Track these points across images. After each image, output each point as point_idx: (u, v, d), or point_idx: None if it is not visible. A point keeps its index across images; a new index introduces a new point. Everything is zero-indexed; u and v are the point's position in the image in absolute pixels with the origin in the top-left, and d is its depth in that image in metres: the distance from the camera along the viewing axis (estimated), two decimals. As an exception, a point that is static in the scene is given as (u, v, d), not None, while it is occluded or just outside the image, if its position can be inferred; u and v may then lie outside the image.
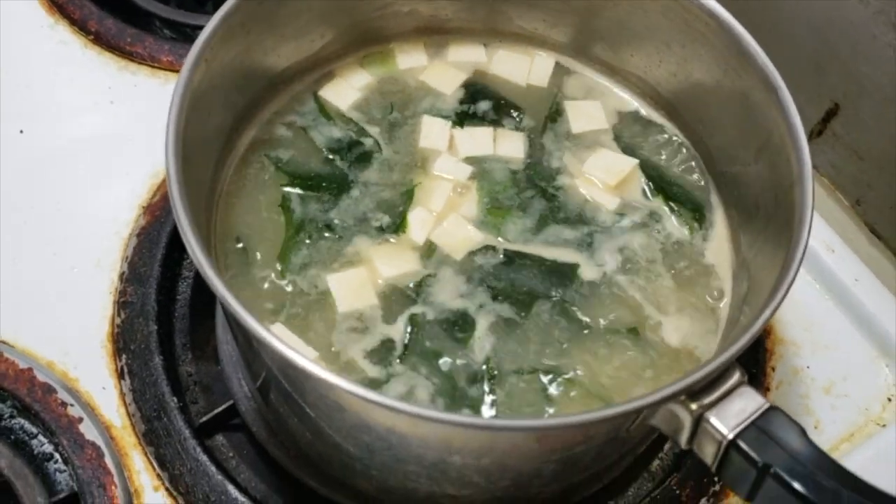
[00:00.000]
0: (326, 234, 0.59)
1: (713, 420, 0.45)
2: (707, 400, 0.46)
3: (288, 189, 0.61)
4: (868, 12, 0.77)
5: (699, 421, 0.45)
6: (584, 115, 0.65)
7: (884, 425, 0.69)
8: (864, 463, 0.66)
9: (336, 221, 0.59)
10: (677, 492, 0.64)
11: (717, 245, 0.61)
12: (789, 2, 0.83)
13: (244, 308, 0.44)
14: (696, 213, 0.62)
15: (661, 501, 0.63)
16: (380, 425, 0.46)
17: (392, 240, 0.59)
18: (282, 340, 0.43)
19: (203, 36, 0.53)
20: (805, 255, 0.48)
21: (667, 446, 0.66)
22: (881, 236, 0.86)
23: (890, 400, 0.70)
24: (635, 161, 0.63)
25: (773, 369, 0.70)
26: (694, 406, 0.45)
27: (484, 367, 0.54)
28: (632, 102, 0.67)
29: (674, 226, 0.61)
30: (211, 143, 0.57)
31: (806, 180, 0.51)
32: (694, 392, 0.45)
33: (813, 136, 0.88)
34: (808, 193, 0.50)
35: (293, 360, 0.43)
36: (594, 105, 0.66)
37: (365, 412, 0.45)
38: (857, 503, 0.43)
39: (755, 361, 0.70)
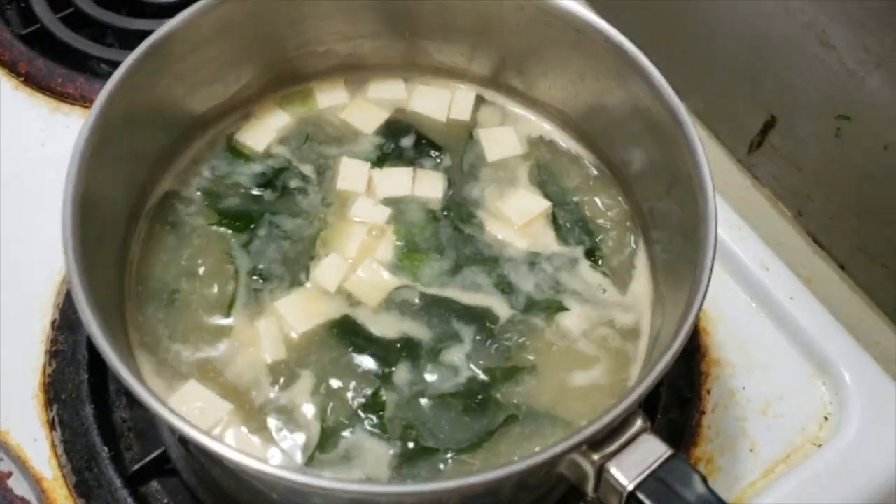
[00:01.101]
0: (240, 282, 0.59)
1: (613, 471, 0.45)
2: (609, 449, 0.46)
3: (215, 228, 0.61)
4: (797, 26, 0.77)
5: (601, 471, 0.46)
6: (498, 143, 0.65)
7: (820, 445, 0.69)
8: (800, 484, 0.66)
9: (256, 266, 0.59)
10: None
11: (637, 282, 0.61)
12: (723, 15, 0.83)
13: (139, 384, 0.44)
14: (613, 253, 0.62)
15: (594, 533, 0.63)
16: (284, 489, 0.46)
17: (308, 285, 0.59)
18: (175, 413, 0.43)
19: (108, 86, 0.53)
20: (706, 297, 0.48)
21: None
22: (823, 246, 0.87)
23: (827, 419, 0.70)
24: (546, 203, 0.63)
25: (709, 392, 0.70)
26: (595, 456, 0.46)
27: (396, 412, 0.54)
28: (552, 133, 0.67)
29: (588, 267, 0.61)
30: (120, 196, 0.57)
31: (709, 219, 0.51)
32: (595, 442, 0.46)
33: (752, 147, 0.89)
34: (711, 233, 0.50)
35: (185, 431, 0.43)
36: (506, 131, 0.66)
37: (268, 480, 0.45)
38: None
39: (690, 385, 0.70)
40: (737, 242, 0.76)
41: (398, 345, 0.57)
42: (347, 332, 0.57)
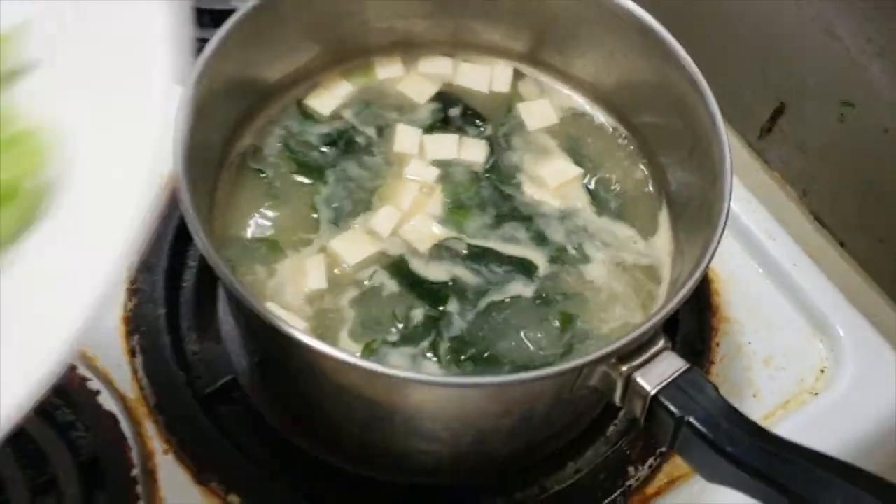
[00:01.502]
0: (320, 220, 0.67)
1: (639, 379, 0.53)
2: (635, 362, 0.54)
3: (294, 176, 0.69)
4: (805, 18, 0.84)
5: (628, 380, 0.53)
6: (536, 114, 0.73)
7: (816, 394, 0.77)
8: (796, 426, 0.74)
9: (331, 206, 0.67)
10: (628, 452, 0.71)
11: (660, 237, 0.69)
12: (736, 7, 0.91)
13: (247, 292, 0.52)
14: (638, 212, 0.70)
15: (614, 460, 0.71)
16: (354, 385, 0.55)
17: (356, 227, 0.67)
18: (275, 314, 0.51)
19: (204, 54, 0.61)
20: (719, 245, 0.56)
21: (621, 414, 0.74)
22: (825, 224, 0.94)
23: (823, 371, 0.78)
24: (579, 170, 0.71)
25: (718, 345, 0.78)
26: (624, 368, 0.53)
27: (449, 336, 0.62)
28: (584, 106, 0.75)
29: (616, 223, 0.69)
30: (211, 149, 0.65)
31: (725, 176, 0.59)
32: (623, 355, 0.53)
33: (763, 133, 0.96)
34: (726, 189, 0.58)
35: (283, 329, 0.51)
36: (543, 103, 0.74)
37: (342, 373, 0.54)
38: (756, 446, 0.50)
39: (701, 339, 0.78)
40: (747, 214, 0.84)
41: (449, 283, 0.65)
42: (402, 272, 0.65)
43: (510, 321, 0.63)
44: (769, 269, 0.82)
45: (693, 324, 0.79)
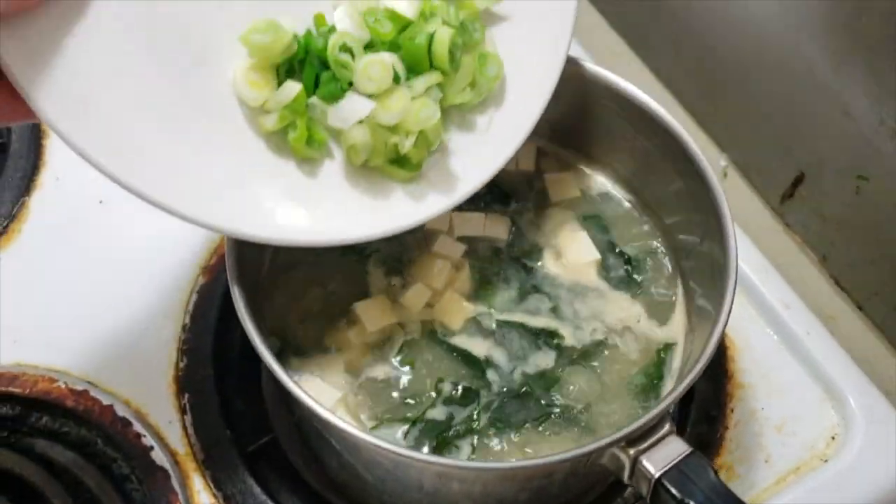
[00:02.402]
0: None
1: (645, 462, 0.58)
2: (642, 446, 0.58)
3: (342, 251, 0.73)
4: (826, 100, 0.88)
5: (635, 463, 0.58)
6: (559, 186, 0.78)
7: (826, 460, 0.79)
8: (807, 492, 0.77)
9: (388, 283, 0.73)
10: (642, 514, 0.76)
11: (675, 315, 0.73)
12: (764, 87, 0.96)
13: (286, 374, 0.58)
14: (653, 291, 0.74)
15: (629, 522, 0.76)
16: (386, 461, 0.60)
17: (385, 294, 0.72)
18: (308, 394, 0.57)
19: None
20: (727, 326, 0.61)
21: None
22: (845, 288, 0.98)
23: (833, 438, 0.81)
24: (597, 255, 0.75)
25: (732, 410, 0.82)
26: (631, 451, 0.58)
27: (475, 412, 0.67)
28: (605, 185, 0.79)
29: (631, 301, 0.74)
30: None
31: (729, 275, 0.63)
32: (631, 440, 0.58)
33: (784, 198, 1.00)
34: (731, 280, 0.62)
35: (316, 411, 0.56)
36: (568, 176, 0.79)
37: (374, 452, 0.59)
38: (752, 530, 0.55)
39: (717, 405, 0.82)
40: (763, 283, 0.87)
41: (484, 358, 0.70)
42: (440, 343, 0.70)
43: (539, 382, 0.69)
44: (784, 336, 0.85)
45: (709, 390, 0.82)
